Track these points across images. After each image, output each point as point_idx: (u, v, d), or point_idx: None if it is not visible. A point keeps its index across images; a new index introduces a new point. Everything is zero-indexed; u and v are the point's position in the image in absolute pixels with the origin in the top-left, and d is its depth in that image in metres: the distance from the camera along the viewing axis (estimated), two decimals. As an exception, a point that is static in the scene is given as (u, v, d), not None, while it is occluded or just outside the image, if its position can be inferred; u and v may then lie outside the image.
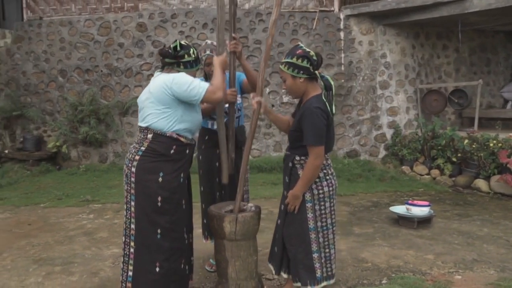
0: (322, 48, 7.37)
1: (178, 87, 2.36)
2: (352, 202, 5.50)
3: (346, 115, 7.45)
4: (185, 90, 2.36)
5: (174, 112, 2.41)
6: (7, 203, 5.55)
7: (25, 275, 3.21)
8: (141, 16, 7.48)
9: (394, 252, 3.68)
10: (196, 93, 2.38)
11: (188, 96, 2.38)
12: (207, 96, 2.41)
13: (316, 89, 2.51)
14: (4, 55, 8.14)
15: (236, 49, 2.85)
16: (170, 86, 2.37)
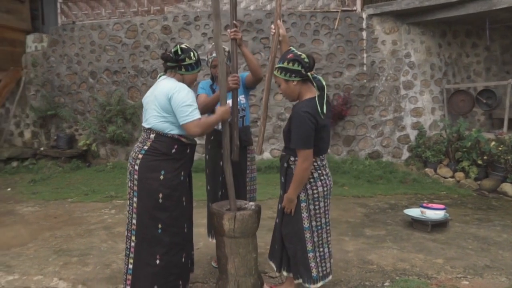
0: (344, 48, 7.33)
1: (174, 102, 2.49)
2: (369, 204, 5.46)
3: (368, 116, 7.36)
4: (180, 108, 2.48)
5: (174, 118, 2.53)
6: (38, 197, 5.91)
7: (45, 264, 3.44)
8: (166, 19, 7.72)
9: (402, 255, 3.64)
10: (183, 116, 2.49)
11: (177, 114, 2.50)
12: (188, 126, 2.50)
13: (311, 91, 2.56)
14: (40, 58, 8.63)
15: (236, 36, 2.95)
16: (170, 97, 2.50)
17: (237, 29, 2.97)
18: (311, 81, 2.57)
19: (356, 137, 7.39)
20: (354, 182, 6.54)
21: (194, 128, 2.52)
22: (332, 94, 7.32)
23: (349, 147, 7.38)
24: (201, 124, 2.54)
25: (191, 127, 2.51)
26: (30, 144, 8.74)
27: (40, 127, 8.63)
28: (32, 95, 8.65)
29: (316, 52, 7.36)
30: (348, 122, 7.35)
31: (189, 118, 2.49)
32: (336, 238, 4.08)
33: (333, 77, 7.37)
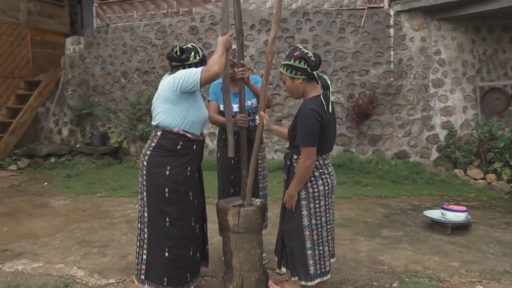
0: (370, 46, 7.20)
1: (178, 80, 2.57)
2: (391, 205, 5.35)
3: (395, 115, 7.20)
4: (184, 80, 2.55)
5: (179, 108, 2.62)
6: (71, 192, 6.25)
7: (67, 254, 3.66)
8: (193, 20, 7.90)
9: (416, 257, 3.56)
10: (193, 79, 2.55)
11: (187, 85, 2.56)
12: (203, 76, 2.54)
13: (316, 89, 2.57)
14: (77, 60, 9.09)
15: (244, 76, 2.99)
16: (172, 83, 2.59)
17: (244, 69, 3.01)
18: (317, 80, 2.58)
19: (382, 137, 7.24)
20: (379, 182, 6.43)
21: (209, 72, 2.53)
22: (357, 92, 7.22)
23: (375, 146, 7.25)
24: (210, 64, 2.57)
25: (206, 74, 2.53)
26: (67, 141, 9.23)
27: (77, 125, 9.09)
28: (70, 94, 9.12)
29: (342, 51, 7.28)
30: (374, 121, 7.22)
31: (197, 73, 2.54)
32: (350, 238, 4.06)
33: (359, 75, 7.26)
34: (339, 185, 6.32)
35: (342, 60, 7.30)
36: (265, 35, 7.49)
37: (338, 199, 5.61)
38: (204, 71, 2.56)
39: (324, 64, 7.32)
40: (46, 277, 3.20)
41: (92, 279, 3.16)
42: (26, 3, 9.35)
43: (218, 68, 2.57)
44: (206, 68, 2.58)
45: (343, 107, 7.29)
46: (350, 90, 7.23)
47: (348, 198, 5.68)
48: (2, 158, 8.22)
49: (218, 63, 2.59)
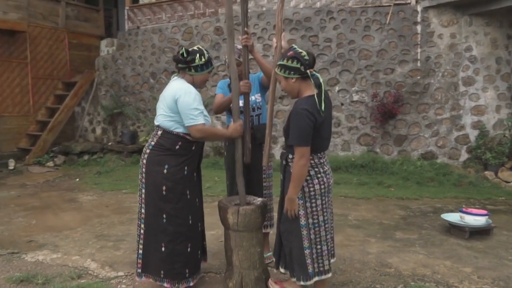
0: (396, 44, 7.02)
1: (180, 105, 2.67)
2: (411, 207, 5.21)
3: (421, 114, 6.97)
4: (185, 110, 2.66)
5: (180, 118, 2.71)
6: (99, 188, 6.54)
7: (84, 246, 3.86)
8: (218, 21, 8.02)
9: (427, 261, 3.46)
10: (188, 119, 2.67)
11: (182, 116, 2.68)
12: (190, 129, 2.69)
13: (310, 88, 2.56)
14: (110, 61, 9.48)
15: (248, 43, 3.03)
16: (177, 99, 2.68)
17: (248, 36, 3.05)
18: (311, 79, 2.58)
19: (408, 137, 7.04)
20: (402, 184, 6.26)
21: (196, 132, 2.69)
22: (382, 91, 7.06)
23: (401, 147, 7.06)
24: (203, 130, 2.70)
25: (193, 131, 2.69)
26: (100, 140, 9.65)
27: (109, 124, 9.48)
28: (103, 95, 9.53)
29: (367, 49, 7.15)
30: (400, 121, 7.03)
31: (193, 122, 2.66)
32: (361, 239, 4.00)
33: (384, 74, 7.09)
34: (360, 186, 6.24)
35: (367, 58, 7.16)
36: (288, 34, 7.48)
37: (357, 200, 5.54)
38: (195, 128, 2.68)
39: (349, 62, 7.21)
40: (62, 268, 3.39)
41: (103, 271, 3.32)
42: (65, 8, 9.86)
43: (200, 137, 2.73)
44: (198, 129, 2.68)
45: (367, 106, 7.15)
46: (374, 89, 7.08)
47: (368, 199, 5.58)
48: (40, 155, 8.73)
49: (206, 137, 2.78)
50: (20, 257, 3.64)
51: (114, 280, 3.17)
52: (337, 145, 7.31)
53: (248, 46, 3.06)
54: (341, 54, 7.25)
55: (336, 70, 7.28)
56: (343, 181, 6.47)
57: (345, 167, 6.87)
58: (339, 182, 6.42)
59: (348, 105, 7.25)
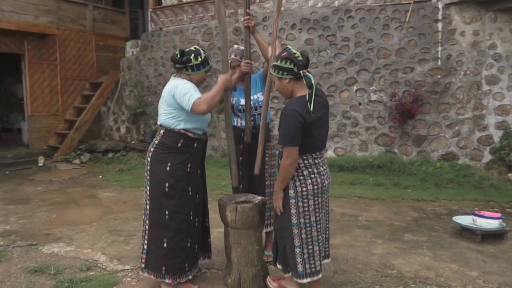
0: (416, 42, 6.87)
1: (177, 96, 2.76)
2: (426, 208, 5.10)
3: (442, 114, 6.80)
4: (181, 98, 2.74)
5: (179, 113, 2.80)
6: (119, 185, 6.77)
7: (97, 241, 4.03)
8: (237, 21, 8.11)
9: (432, 263, 3.40)
10: (186, 103, 2.73)
11: (182, 104, 2.76)
12: (193, 108, 2.73)
13: (303, 89, 2.59)
14: (134, 62, 9.76)
15: (249, 24, 3.11)
16: (173, 94, 2.78)
17: (250, 17, 3.13)
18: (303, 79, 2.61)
19: (428, 137, 6.88)
20: (419, 185, 6.13)
21: (199, 107, 2.72)
22: (401, 91, 6.93)
23: (420, 147, 6.91)
24: (203, 99, 2.74)
25: (196, 108, 2.72)
26: (124, 138, 9.96)
27: (132, 123, 9.77)
28: (127, 94, 9.83)
29: (385, 48, 7.03)
30: (419, 121, 6.88)
31: (191, 101, 2.72)
32: (368, 240, 3.97)
33: (403, 73, 6.96)
34: (376, 187, 6.16)
35: (386, 57, 7.04)
36: (306, 34, 7.46)
37: (371, 201, 5.48)
38: (195, 104, 2.72)
39: (367, 61, 7.12)
40: (74, 260, 3.56)
41: (111, 264, 3.46)
42: (92, 12, 10.23)
43: (206, 107, 2.74)
44: (198, 102, 2.73)
45: (385, 106, 7.04)
46: (393, 88, 6.96)
47: (382, 200, 5.51)
48: (68, 153, 9.11)
49: (209, 102, 2.75)
50: (38, 249, 3.85)
51: (121, 273, 3.30)
52: (355, 145, 7.23)
53: (250, 27, 3.15)
54: (359, 53, 7.17)
55: (354, 69, 7.20)
56: (359, 181, 6.40)
57: (361, 167, 6.79)
58: (355, 183, 6.37)
59: (366, 104, 7.17)
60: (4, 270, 3.38)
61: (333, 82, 7.33)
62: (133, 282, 3.14)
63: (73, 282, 3.05)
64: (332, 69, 7.33)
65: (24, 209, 5.31)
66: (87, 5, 10.13)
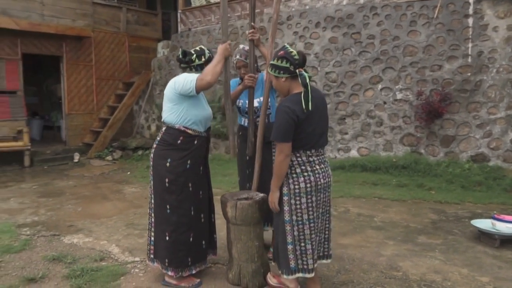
0: (444, 39, 6.62)
1: (178, 85, 2.85)
2: (447, 211, 4.92)
3: (472, 114, 6.51)
4: (182, 85, 2.82)
5: (180, 107, 2.89)
6: (144, 181, 6.99)
7: (114, 233, 4.21)
8: (262, 21, 8.15)
9: (442, 267, 3.29)
10: (189, 86, 2.79)
11: (185, 90, 2.82)
12: (198, 85, 2.78)
13: (299, 87, 2.60)
14: (164, 62, 10.04)
15: (254, 37, 3.13)
16: (174, 85, 2.88)
17: (254, 31, 3.15)
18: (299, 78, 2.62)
19: (456, 137, 6.61)
20: (445, 187, 5.91)
21: (204, 80, 2.76)
22: (429, 89, 6.70)
23: (448, 148, 6.65)
24: (205, 71, 2.81)
25: (200, 82, 2.78)
26: (154, 136, 10.25)
27: (162, 121, 10.05)
28: (158, 94, 10.13)
29: (412, 45, 6.83)
30: (447, 120, 6.62)
31: (193, 81, 2.80)
32: (379, 241, 3.90)
33: (431, 71, 6.73)
34: (398, 188, 6.01)
35: (412, 55, 6.84)
36: (330, 32, 7.39)
37: (391, 202, 5.36)
38: (198, 80, 2.79)
39: (392, 59, 6.95)
40: (90, 251, 3.75)
41: (123, 256, 3.62)
42: (126, 14, 10.63)
43: (210, 77, 2.78)
44: (200, 77, 2.80)
45: (411, 105, 6.83)
46: (420, 86, 6.75)
47: (403, 202, 5.37)
48: (101, 150, 9.53)
49: (212, 72, 2.79)
50: (59, 239, 4.08)
51: (130, 264, 3.44)
52: (379, 145, 7.08)
53: (255, 41, 3.16)
54: (385, 51, 7.00)
55: (379, 67, 7.05)
56: (381, 182, 6.27)
57: (385, 167, 6.64)
58: (377, 183, 6.24)
59: (391, 103, 6.99)
60: (27, 257, 3.61)
61: (357, 80, 7.21)
62: (140, 273, 3.27)
63: (84, 271, 3.21)
64: (357, 68, 7.21)
65: (54, 201, 5.63)
66: (121, 8, 10.54)
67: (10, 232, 4.25)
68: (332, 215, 4.74)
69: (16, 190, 6.39)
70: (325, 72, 7.46)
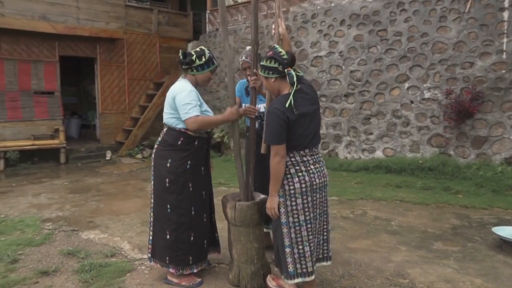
0: (476, 34, 6.27)
1: (177, 102, 2.91)
2: (472, 217, 4.67)
3: (507, 113, 6.12)
4: (181, 105, 2.88)
5: (179, 114, 2.92)
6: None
7: (128, 230, 4.34)
8: (287, 19, 8.08)
9: (453, 276, 3.13)
10: (183, 113, 2.87)
11: (179, 110, 2.89)
12: (186, 121, 2.87)
13: (288, 87, 2.56)
14: (193, 62, 10.20)
15: (255, 85, 3.04)
16: (174, 97, 2.92)
17: (256, 77, 3.05)
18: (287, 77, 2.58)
19: (489, 138, 6.25)
20: (474, 191, 5.61)
21: (191, 124, 2.86)
22: (459, 88, 6.38)
23: (479, 149, 6.30)
24: (197, 120, 2.86)
25: (188, 123, 2.87)
26: (183, 135, 10.47)
27: (190, 120, 10.23)
28: (186, 94, 10.31)
29: (442, 41, 6.53)
30: (479, 120, 6.27)
31: (187, 115, 2.85)
32: (391, 246, 3.76)
33: (462, 68, 6.40)
34: (423, 191, 5.78)
35: (442, 52, 6.54)
36: (355, 29, 7.21)
37: (413, 205, 5.17)
38: (189, 120, 2.85)
39: (420, 57, 6.68)
40: (103, 246, 3.89)
41: (132, 252, 3.72)
42: (157, 16, 10.90)
43: (197, 128, 2.88)
44: (193, 120, 2.85)
45: (440, 104, 6.53)
46: (449, 85, 6.44)
47: (426, 205, 5.15)
48: (131, 148, 9.84)
49: (201, 126, 2.90)
50: (78, 234, 4.26)
51: (138, 261, 3.52)
52: (405, 145, 6.83)
53: (256, 88, 3.06)
54: (412, 48, 6.74)
55: (406, 65, 6.79)
56: (405, 184, 6.05)
57: (410, 169, 6.40)
58: (400, 185, 6.04)
59: (418, 103, 6.72)
60: (45, 251, 3.80)
61: (383, 79, 6.99)
62: (146, 271, 3.34)
63: (93, 266, 3.33)
64: (383, 66, 6.99)
65: (80, 198, 5.88)
66: (153, 9, 10.82)
67: (34, 226, 4.49)
68: (348, 218, 4.67)
69: (49, 186, 6.72)
70: (350, 70, 7.29)
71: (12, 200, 5.76)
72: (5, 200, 5.73)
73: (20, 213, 5.04)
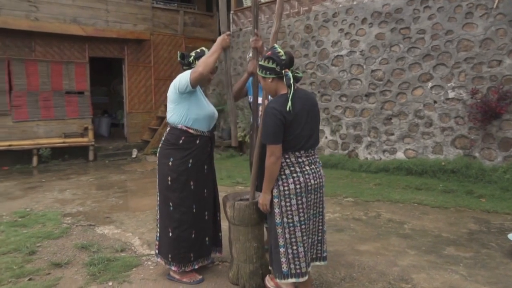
0: (505, 31, 5.98)
1: (176, 83, 2.94)
2: (492, 222, 4.48)
3: (536, 114, 5.82)
4: (179, 83, 2.92)
5: (181, 107, 2.98)
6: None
7: (141, 227, 4.46)
8: (308, 19, 8.02)
9: (459, 283, 3.02)
10: (184, 81, 2.87)
11: (182, 86, 2.90)
12: (192, 77, 2.83)
13: (285, 88, 2.55)
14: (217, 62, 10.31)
15: (257, 45, 3.10)
16: (173, 86, 2.99)
17: (257, 38, 3.12)
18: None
19: (517, 140, 5.96)
20: (498, 195, 5.36)
21: (195, 73, 2.80)
22: (486, 87, 6.12)
23: (507, 152, 6.01)
24: (197, 65, 2.86)
25: (193, 76, 2.82)
26: (207, 134, 10.63)
27: (214, 120, 10.37)
28: (210, 93, 10.46)
29: (467, 39, 6.28)
30: (507, 121, 5.98)
31: (187, 75, 2.86)
32: (399, 250, 3.67)
33: (489, 66, 6.13)
34: (443, 194, 5.59)
35: (467, 50, 6.28)
36: (377, 28, 7.06)
37: (431, 209, 5.02)
38: (192, 73, 2.85)
39: (445, 55, 6.45)
40: (115, 241, 4.02)
41: (141, 248, 3.83)
42: (183, 17, 11.11)
43: (202, 68, 2.81)
44: (193, 70, 2.86)
45: (465, 104, 6.28)
46: (475, 84, 6.18)
47: (444, 209, 4.98)
48: (156, 146, 10.05)
49: (204, 63, 2.83)
50: (93, 229, 4.43)
51: (145, 257, 3.63)
52: (427, 147, 6.62)
53: (258, 48, 3.14)
54: (436, 46, 6.52)
55: (430, 64, 6.58)
56: (426, 186, 5.87)
57: (432, 171, 6.20)
58: (420, 188, 5.86)
59: (442, 103, 6.50)
60: (61, 244, 3.98)
61: (405, 78, 6.81)
62: (151, 266, 3.44)
63: (102, 260, 3.46)
64: (405, 65, 6.81)
65: (102, 194, 6.10)
66: (179, 11, 11.03)
67: (55, 220, 4.70)
68: (360, 220, 4.60)
69: (75, 182, 7.02)
70: (371, 70, 7.15)
71: (40, 195, 6.06)
72: (33, 195, 6.04)
73: (44, 208, 5.29)
